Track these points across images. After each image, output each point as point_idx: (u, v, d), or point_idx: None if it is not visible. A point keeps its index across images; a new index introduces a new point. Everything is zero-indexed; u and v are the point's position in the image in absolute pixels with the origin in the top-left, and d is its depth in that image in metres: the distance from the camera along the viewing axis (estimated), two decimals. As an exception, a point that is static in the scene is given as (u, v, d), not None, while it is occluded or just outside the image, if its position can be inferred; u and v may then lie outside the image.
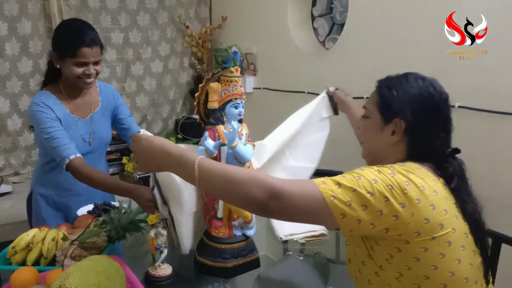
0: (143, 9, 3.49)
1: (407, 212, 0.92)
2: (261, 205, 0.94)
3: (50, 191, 1.88)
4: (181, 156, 1.03)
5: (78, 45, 1.64)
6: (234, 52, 1.33)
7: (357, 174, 0.96)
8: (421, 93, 1.06)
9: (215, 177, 0.99)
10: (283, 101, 3.01)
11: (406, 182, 0.94)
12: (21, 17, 2.97)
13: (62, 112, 1.75)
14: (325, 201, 0.92)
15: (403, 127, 1.06)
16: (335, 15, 2.77)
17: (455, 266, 0.97)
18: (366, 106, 1.17)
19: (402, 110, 1.06)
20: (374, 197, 0.92)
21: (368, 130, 1.15)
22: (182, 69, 3.79)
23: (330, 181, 0.95)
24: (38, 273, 1.22)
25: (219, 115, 1.34)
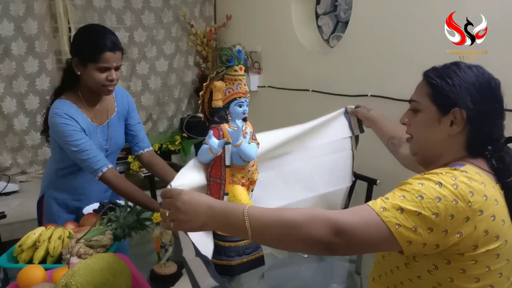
0: (148, 8, 3.50)
1: (470, 227, 0.89)
2: (325, 244, 0.86)
3: (64, 195, 1.88)
4: (226, 209, 0.94)
5: (101, 50, 1.61)
6: (238, 50, 1.32)
7: (418, 192, 0.89)
8: (479, 80, 1.02)
9: (269, 224, 0.90)
10: (287, 99, 3.01)
11: (470, 193, 0.89)
12: (27, 17, 2.99)
13: (85, 122, 1.73)
14: (390, 231, 0.87)
15: (464, 116, 1.00)
16: (339, 13, 2.76)
17: (496, 280, 0.95)
18: (415, 99, 1.10)
19: (462, 99, 1.00)
20: (440, 218, 0.87)
21: (420, 124, 1.08)
22: (187, 67, 3.80)
23: (391, 206, 0.88)
24: (44, 271, 1.23)
25: (224, 113, 1.34)
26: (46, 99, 3.14)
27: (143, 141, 1.93)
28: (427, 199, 0.88)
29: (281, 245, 0.96)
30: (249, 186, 1.40)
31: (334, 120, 1.71)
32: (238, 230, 0.92)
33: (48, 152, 3.27)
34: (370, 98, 2.34)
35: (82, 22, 3.20)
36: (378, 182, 2.00)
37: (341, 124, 1.72)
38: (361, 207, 0.92)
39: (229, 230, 0.97)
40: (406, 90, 2.00)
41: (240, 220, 0.90)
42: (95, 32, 1.67)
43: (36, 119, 3.17)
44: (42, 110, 3.13)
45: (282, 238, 0.90)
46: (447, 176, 0.92)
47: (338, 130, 1.72)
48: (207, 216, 0.94)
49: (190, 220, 0.94)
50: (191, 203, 0.94)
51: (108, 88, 1.69)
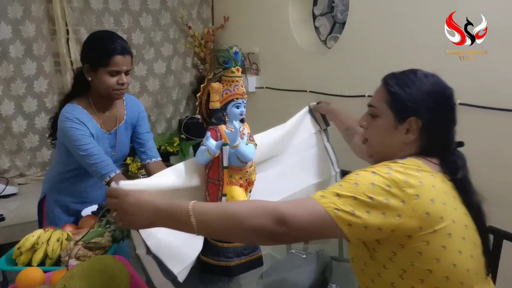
0: (146, 10, 3.50)
1: (407, 209, 0.93)
2: (269, 233, 0.91)
3: (66, 198, 1.89)
4: (171, 207, 0.97)
5: (111, 54, 1.65)
6: (235, 52, 1.33)
7: (354, 180, 0.95)
8: (435, 90, 1.05)
9: (214, 218, 0.94)
10: (285, 100, 3.01)
11: (404, 179, 0.95)
12: (25, 19, 2.99)
13: (95, 128, 1.75)
14: (329, 215, 0.91)
15: (420, 126, 1.05)
16: (336, 14, 2.77)
17: (457, 258, 0.98)
18: (374, 104, 1.13)
19: (419, 109, 1.04)
20: (375, 201, 0.92)
21: (378, 129, 1.12)
22: (185, 69, 3.81)
23: (329, 193, 0.95)
24: (43, 274, 1.23)
25: (221, 115, 1.35)
26: (44, 102, 3.16)
27: (151, 150, 1.92)
28: (361, 185, 0.94)
29: (228, 237, 1.04)
30: (247, 187, 1.41)
31: (301, 120, 1.77)
32: (183, 225, 0.96)
33: (46, 155, 3.27)
34: (368, 99, 2.33)
35: (79, 24, 3.21)
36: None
37: (307, 122, 1.79)
38: (303, 198, 0.98)
39: (175, 226, 0.99)
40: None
41: (185, 216, 0.94)
42: (105, 37, 1.70)
43: (34, 121, 3.17)
44: (40, 112, 3.16)
45: (227, 230, 0.94)
46: (382, 167, 0.99)
47: (305, 128, 1.78)
48: (153, 215, 0.97)
49: (137, 220, 0.98)
50: (136, 204, 0.97)
51: (118, 92, 1.71)
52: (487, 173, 1.85)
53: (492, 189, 1.82)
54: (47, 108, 3.18)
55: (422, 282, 0.98)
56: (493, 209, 1.87)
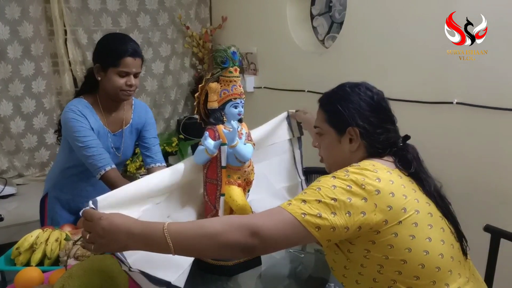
0: (144, 10, 3.50)
1: (370, 205, 0.99)
2: (243, 246, 0.95)
3: (67, 195, 1.90)
4: (146, 230, 0.96)
5: (122, 55, 1.67)
6: (233, 52, 1.34)
7: (316, 186, 1.02)
8: (363, 99, 1.16)
9: (189, 237, 0.96)
10: (283, 100, 3.02)
11: (362, 178, 1.02)
12: (23, 20, 2.99)
13: (97, 124, 1.76)
14: (297, 220, 0.96)
15: (358, 133, 1.14)
16: (334, 14, 2.78)
17: (427, 244, 1.02)
18: (317, 125, 1.24)
19: (351, 118, 1.14)
20: (339, 201, 0.98)
21: (326, 145, 1.22)
22: (183, 69, 3.81)
23: (295, 200, 1.00)
24: (42, 274, 1.24)
25: (219, 115, 1.35)
26: (42, 102, 3.16)
27: (156, 155, 1.93)
28: (324, 189, 1.00)
29: (203, 254, 1.06)
30: (245, 187, 1.41)
31: (278, 125, 1.79)
32: (160, 247, 0.95)
33: (45, 155, 3.27)
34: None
35: (77, 25, 3.21)
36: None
37: (282, 128, 1.80)
38: (272, 208, 1.02)
39: (151, 249, 0.98)
40: (400, 90, 2.03)
41: (161, 238, 0.94)
42: (117, 39, 1.74)
43: (32, 122, 3.17)
44: (39, 113, 3.16)
45: (204, 247, 0.96)
46: (340, 171, 1.06)
47: (280, 133, 1.79)
48: (127, 239, 0.96)
49: (109, 244, 0.97)
50: (110, 229, 0.95)
51: (126, 93, 1.73)
52: (486, 172, 1.86)
53: (491, 187, 1.83)
54: (45, 108, 3.18)
55: (400, 273, 1.02)
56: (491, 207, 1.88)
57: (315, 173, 2.12)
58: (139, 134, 1.94)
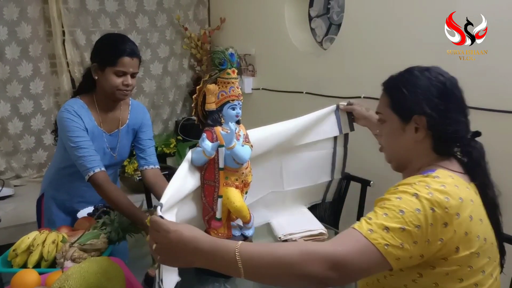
0: (142, 12, 3.50)
1: (450, 232, 0.91)
2: (321, 279, 0.85)
3: (63, 195, 1.90)
4: (216, 248, 0.90)
5: (119, 54, 1.68)
6: (231, 54, 1.33)
7: (399, 208, 0.91)
8: (432, 84, 1.05)
9: (263, 263, 0.87)
10: (282, 101, 3.02)
11: (446, 198, 0.91)
12: (21, 21, 2.99)
13: (91, 124, 1.76)
14: (379, 252, 0.88)
15: (425, 122, 1.04)
16: (332, 16, 2.78)
17: (480, 277, 0.97)
18: (379, 110, 1.15)
19: (418, 106, 1.04)
20: (421, 229, 0.89)
21: (388, 134, 1.13)
22: (182, 70, 3.81)
23: (376, 226, 0.89)
24: (38, 276, 1.23)
25: (217, 116, 1.35)
26: (40, 103, 3.15)
27: (150, 157, 1.91)
28: (407, 212, 0.90)
29: (275, 282, 0.92)
30: (243, 189, 1.41)
31: (324, 119, 1.73)
32: (229, 269, 0.89)
33: (42, 156, 3.27)
34: (363, 100, 2.35)
35: (76, 25, 3.21)
36: (372, 183, 2.01)
37: (329, 123, 1.74)
38: (348, 232, 0.92)
39: (219, 268, 0.91)
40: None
41: (231, 260, 0.88)
42: (115, 39, 1.75)
43: (30, 123, 3.16)
44: (36, 114, 3.15)
45: (277, 276, 0.88)
46: (420, 185, 0.94)
47: (325, 130, 1.74)
48: (194, 256, 0.91)
49: (176, 259, 0.93)
50: (177, 244, 0.91)
51: (123, 92, 1.73)
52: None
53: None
54: (43, 109, 3.18)
55: None
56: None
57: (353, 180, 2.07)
58: (135, 135, 1.94)
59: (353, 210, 2.19)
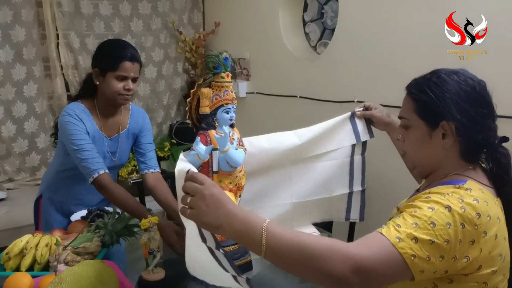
0: (136, 15, 3.51)
1: (476, 250, 0.89)
2: (342, 280, 0.82)
3: (61, 197, 1.91)
4: (246, 218, 0.87)
5: (120, 59, 1.70)
6: (225, 58, 1.34)
7: (430, 219, 0.88)
8: (462, 88, 1.00)
9: (286, 246, 0.84)
10: (276, 106, 3.03)
11: (477, 215, 0.89)
12: (15, 24, 2.98)
13: (93, 128, 1.78)
14: (405, 262, 0.85)
15: (453, 128, 0.99)
16: (326, 21, 2.80)
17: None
18: (404, 115, 1.09)
19: (447, 111, 0.99)
20: (450, 244, 0.87)
21: (414, 140, 1.07)
22: (176, 74, 3.81)
23: (405, 235, 0.86)
24: (31, 279, 1.23)
25: (211, 120, 1.36)
26: (34, 106, 3.14)
27: (151, 161, 1.91)
28: (438, 225, 0.87)
29: (294, 270, 0.89)
30: (236, 192, 1.41)
31: (338, 128, 1.64)
32: (252, 243, 0.86)
33: (36, 160, 3.25)
34: (357, 104, 2.36)
35: (70, 29, 3.21)
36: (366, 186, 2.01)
37: (345, 132, 1.64)
38: (375, 237, 0.89)
39: (243, 241, 0.89)
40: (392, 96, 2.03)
41: (256, 233, 0.85)
42: (116, 44, 1.78)
43: (23, 126, 3.15)
44: (30, 117, 3.14)
45: (298, 264, 0.85)
46: (454, 197, 0.91)
47: (340, 139, 1.64)
48: (225, 219, 0.87)
49: (209, 215, 0.87)
50: (218, 200, 0.88)
51: (124, 97, 1.75)
52: None
53: None
54: (36, 112, 3.17)
55: None
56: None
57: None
58: (135, 139, 1.95)
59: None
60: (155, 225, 1.38)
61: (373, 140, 1.69)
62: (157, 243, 1.37)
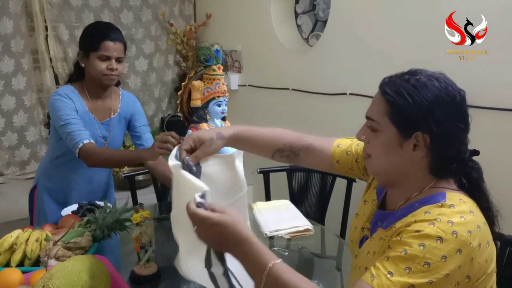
0: (126, 7, 3.46)
1: (475, 266, 0.86)
2: None
3: (55, 185, 1.92)
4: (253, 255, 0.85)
5: (101, 39, 1.72)
6: (216, 50, 1.33)
7: (423, 259, 0.82)
8: (442, 97, 0.90)
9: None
10: (268, 98, 3.02)
11: (468, 233, 0.84)
12: (2, 16, 2.93)
13: (82, 108, 1.80)
14: None
15: (428, 141, 0.91)
16: (318, 12, 2.78)
17: None
18: (373, 117, 0.97)
19: (425, 121, 0.89)
20: (450, 277, 0.82)
21: (380, 145, 0.96)
22: (167, 67, 3.78)
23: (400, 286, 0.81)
24: (22, 274, 1.22)
25: (202, 113, 1.35)
26: (23, 99, 3.10)
27: (147, 142, 1.94)
28: (433, 263, 0.81)
29: None
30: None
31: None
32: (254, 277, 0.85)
33: (25, 153, 3.22)
34: (349, 97, 2.36)
35: (58, 21, 3.16)
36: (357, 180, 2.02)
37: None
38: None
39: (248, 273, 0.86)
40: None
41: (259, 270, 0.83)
42: (98, 25, 1.86)
43: (12, 119, 3.11)
44: (19, 110, 3.10)
45: None
46: (442, 223, 0.85)
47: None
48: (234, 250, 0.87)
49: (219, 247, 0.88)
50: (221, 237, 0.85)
51: (108, 77, 1.77)
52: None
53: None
54: (25, 106, 3.13)
55: None
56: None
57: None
58: (128, 124, 1.97)
59: (338, 206, 2.21)
60: (147, 220, 1.37)
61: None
62: (149, 238, 1.37)
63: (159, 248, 1.53)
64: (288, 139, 1.21)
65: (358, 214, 1.17)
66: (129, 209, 1.55)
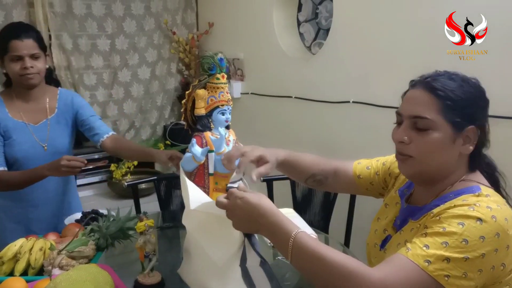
0: (130, 16, 3.48)
1: (509, 255, 0.87)
2: None
3: (9, 202, 1.83)
4: (276, 225, 0.92)
5: (8, 39, 1.67)
6: (220, 59, 1.33)
7: (461, 236, 0.83)
8: (481, 91, 0.98)
9: (309, 259, 0.86)
10: (270, 106, 3.02)
11: (505, 220, 0.87)
12: (6, 24, 2.95)
13: (6, 120, 1.74)
14: (439, 284, 0.82)
15: (477, 134, 0.95)
16: (320, 21, 2.80)
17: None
18: (424, 115, 0.95)
19: (476, 115, 0.95)
20: (487, 257, 0.84)
21: (432, 144, 0.95)
22: (170, 75, 3.79)
23: (435, 258, 0.83)
24: (26, 284, 1.22)
25: (206, 121, 1.35)
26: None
27: (101, 128, 1.87)
28: (471, 241, 0.83)
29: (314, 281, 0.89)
30: (233, 194, 1.40)
31: None
32: (282, 249, 0.92)
33: None
34: (352, 105, 2.37)
35: (62, 29, 3.18)
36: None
37: None
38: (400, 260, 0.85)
39: (275, 244, 0.95)
40: (387, 96, 2.04)
41: (285, 242, 0.89)
42: (6, 27, 1.76)
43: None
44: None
45: (318, 277, 0.87)
46: (482, 207, 0.87)
47: None
48: (259, 225, 0.95)
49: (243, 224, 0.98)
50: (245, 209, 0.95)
51: (26, 77, 1.71)
52: None
53: None
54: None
55: None
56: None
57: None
58: (75, 121, 1.90)
59: (343, 214, 2.20)
60: (151, 228, 1.37)
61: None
62: (153, 246, 1.36)
63: (162, 257, 1.53)
64: (323, 164, 1.32)
65: (379, 218, 1.19)
66: (132, 218, 1.55)
